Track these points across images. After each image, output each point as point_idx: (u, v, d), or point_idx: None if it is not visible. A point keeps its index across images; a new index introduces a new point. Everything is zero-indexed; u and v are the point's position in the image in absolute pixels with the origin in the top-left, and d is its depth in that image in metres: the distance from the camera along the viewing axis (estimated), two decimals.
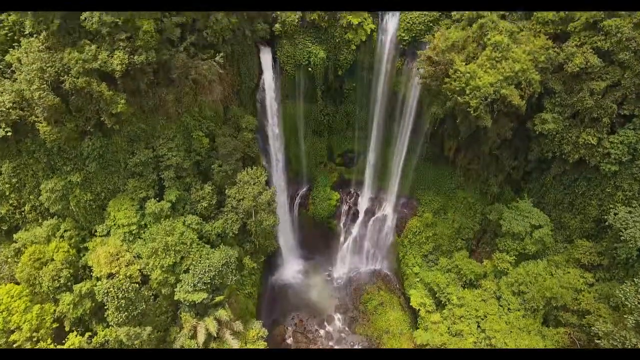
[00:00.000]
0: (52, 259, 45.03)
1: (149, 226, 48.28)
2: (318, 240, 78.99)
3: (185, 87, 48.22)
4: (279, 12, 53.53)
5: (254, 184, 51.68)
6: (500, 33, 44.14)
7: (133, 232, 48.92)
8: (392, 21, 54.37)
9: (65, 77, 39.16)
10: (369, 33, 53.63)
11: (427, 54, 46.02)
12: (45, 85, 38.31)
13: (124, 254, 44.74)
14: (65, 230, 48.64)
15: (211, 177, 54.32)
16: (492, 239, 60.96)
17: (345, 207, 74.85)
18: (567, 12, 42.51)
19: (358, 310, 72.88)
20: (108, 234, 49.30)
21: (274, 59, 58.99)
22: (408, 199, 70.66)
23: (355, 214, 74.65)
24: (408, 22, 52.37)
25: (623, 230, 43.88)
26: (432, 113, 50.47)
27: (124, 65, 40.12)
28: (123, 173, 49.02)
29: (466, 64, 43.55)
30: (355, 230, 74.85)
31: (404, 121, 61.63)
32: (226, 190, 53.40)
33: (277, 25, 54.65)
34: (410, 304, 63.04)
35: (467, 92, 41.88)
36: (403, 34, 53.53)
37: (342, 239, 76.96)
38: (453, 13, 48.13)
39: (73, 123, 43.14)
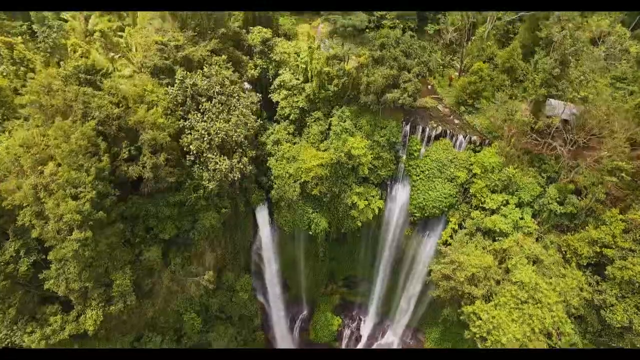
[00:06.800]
0: None
1: None
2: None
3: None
4: (276, 185, 47.65)
5: None
6: (527, 259, 38.88)
7: None
8: (401, 193, 48.64)
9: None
10: (376, 212, 47.78)
11: (443, 271, 40.71)
12: None
13: None
14: None
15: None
16: None
17: (347, 332, 71.02)
18: (601, 248, 36.84)
19: None
20: None
21: (271, 216, 53.48)
22: (413, 331, 66.70)
23: (358, 339, 70.96)
24: (421, 201, 46.76)
25: None
26: (445, 315, 45.58)
27: (98, 325, 35.18)
28: None
29: (486, 300, 38.41)
30: None
31: (414, 273, 56.81)
32: None
33: (272, 192, 48.88)
34: None
35: (489, 342, 36.91)
36: (414, 210, 47.95)
37: None
38: (472, 216, 42.60)
39: None
